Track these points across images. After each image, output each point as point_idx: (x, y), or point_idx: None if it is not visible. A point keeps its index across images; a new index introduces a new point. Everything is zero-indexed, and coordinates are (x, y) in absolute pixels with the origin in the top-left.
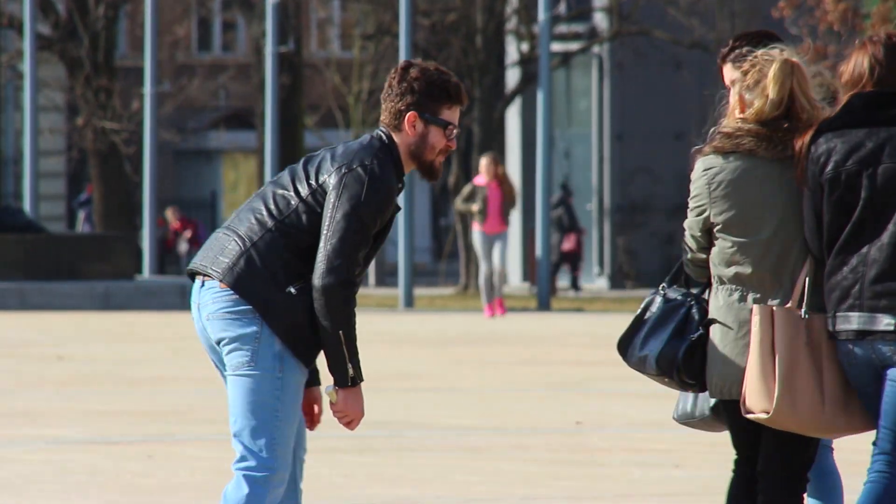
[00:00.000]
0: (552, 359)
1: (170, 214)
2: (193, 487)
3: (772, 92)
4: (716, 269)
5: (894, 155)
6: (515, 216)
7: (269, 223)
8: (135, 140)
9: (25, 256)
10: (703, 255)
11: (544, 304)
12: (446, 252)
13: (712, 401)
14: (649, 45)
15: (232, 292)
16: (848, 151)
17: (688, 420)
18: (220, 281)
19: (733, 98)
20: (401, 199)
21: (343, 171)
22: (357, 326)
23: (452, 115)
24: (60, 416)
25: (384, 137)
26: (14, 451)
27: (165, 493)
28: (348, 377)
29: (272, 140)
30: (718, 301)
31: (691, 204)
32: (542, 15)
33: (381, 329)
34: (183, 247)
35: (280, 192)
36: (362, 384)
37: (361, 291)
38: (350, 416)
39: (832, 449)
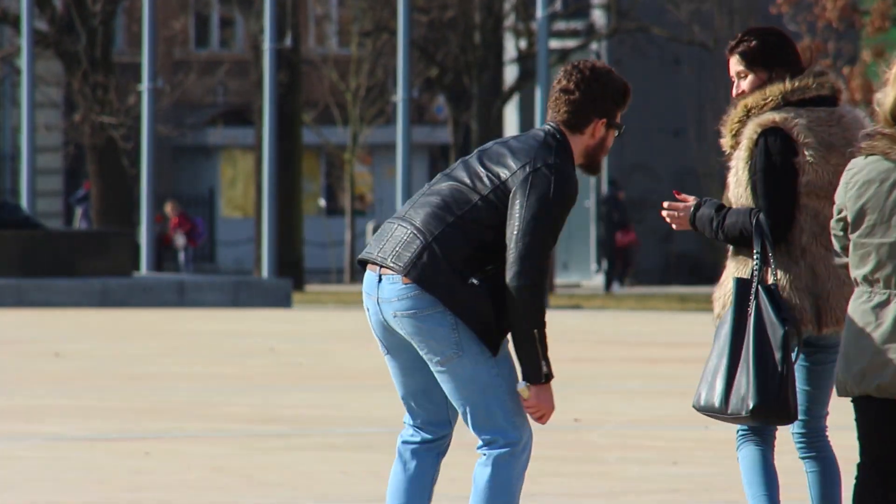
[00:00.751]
0: (551, 356)
1: (169, 209)
2: (191, 485)
3: (892, 90)
4: (851, 270)
5: None
6: None
7: (448, 218)
8: (132, 136)
9: (23, 253)
10: (846, 259)
11: None
12: None
13: (751, 402)
14: (647, 41)
15: (416, 287)
16: None
17: (713, 413)
18: (404, 275)
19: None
20: (399, 197)
21: (528, 169)
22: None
23: (622, 114)
24: (58, 412)
25: (559, 136)
26: (11, 447)
27: (162, 491)
28: (542, 373)
29: (270, 136)
30: (853, 301)
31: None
32: (540, 12)
33: None
34: (180, 241)
35: (456, 185)
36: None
37: (361, 288)
38: (542, 411)
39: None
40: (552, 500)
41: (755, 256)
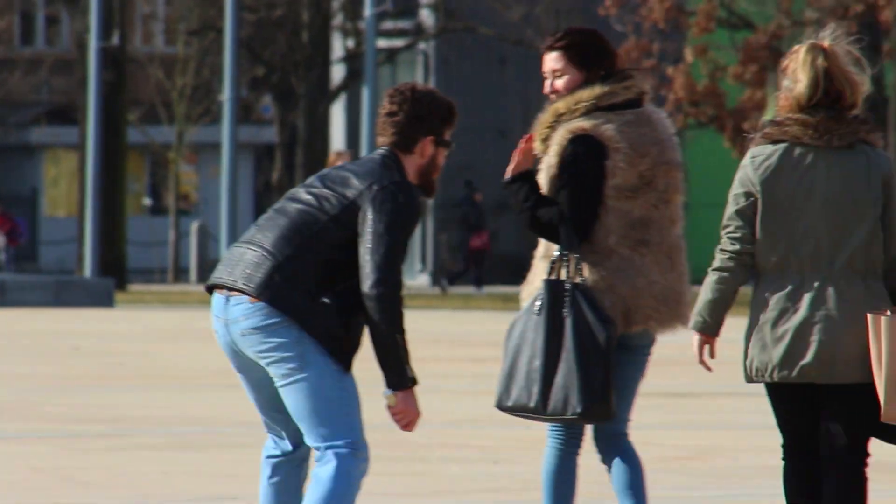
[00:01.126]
0: (373, 356)
1: None
2: (10, 485)
3: (802, 76)
4: (757, 259)
5: None
6: None
7: (297, 239)
8: None
9: None
10: (751, 248)
11: None
12: None
13: (578, 404)
14: (474, 41)
15: (266, 306)
16: None
17: (524, 413)
18: (256, 296)
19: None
20: (224, 197)
21: (375, 188)
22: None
23: (450, 133)
24: None
25: (393, 156)
26: None
27: None
28: (406, 379)
29: (95, 135)
30: (760, 289)
31: (735, 192)
32: (368, 11)
33: (201, 326)
34: (0, 241)
35: (303, 207)
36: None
37: (184, 287)
38: (409, 417)
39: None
40: (377, 500)
41: (563, 257)
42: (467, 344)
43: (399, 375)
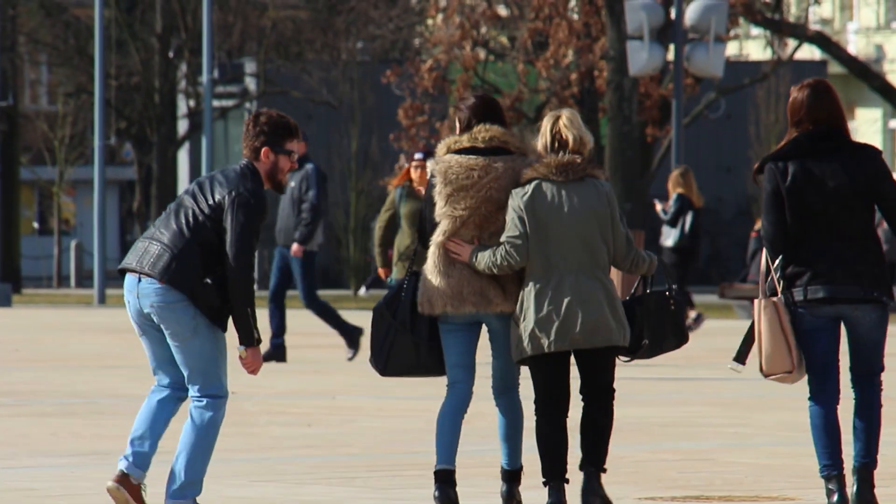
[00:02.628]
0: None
1: None
2: None
3: (545, 133)
4: (529, 266)
5: (836, 177)
6: None
7: (186, 234)
8: None
9: None
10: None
11: None
12: None
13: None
14: (288, 102)
15: (169, 287)
16: (801, 173)
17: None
18: (160, 280)
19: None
20: (95, 222)
21: (233, 193)
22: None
23: (293, 145)
24: None
25: (250, 166)
26: None
27: None
28: (254, 339)
29: None
30: (531, 286)
31: (510, 216)
32: (205, 78)
33: (81, 321)
34: None
35: (187, 210)
36: None
37: (66, 291)
38: (255, 367)
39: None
40: (216, 455)
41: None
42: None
43: (249, 335)
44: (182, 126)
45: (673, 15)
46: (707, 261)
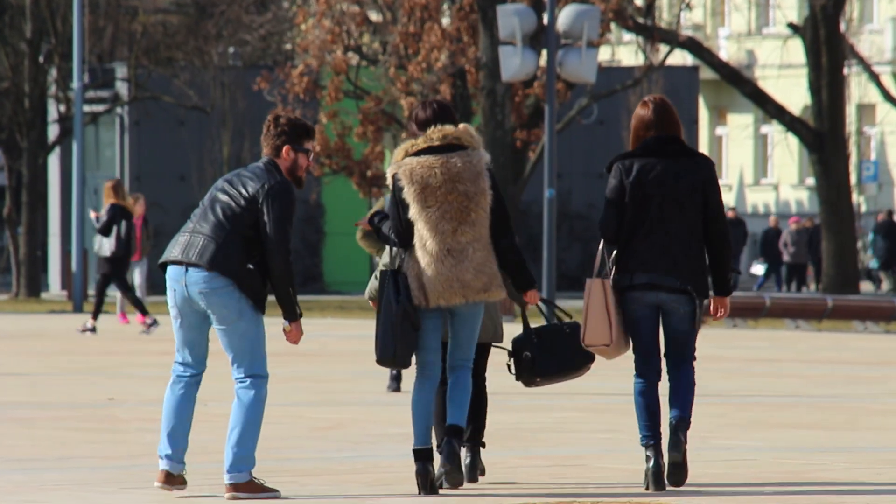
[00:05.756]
0: (87, 350)
1: None
2: None
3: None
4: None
5: (675, 176)
6: (55, 239)
7: (227, 225)
8: None
9: None
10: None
11: (79, 308)
12: (1, 268)
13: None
14: (159, 107)
15: (217, 273)
16: (645, 170)
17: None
18: (208, 267)
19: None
20: None
21: (266, 186)
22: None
23: (311, 144)
24: None
25: (272, 162)
26: None
27: None
28: (297, 314)
29: None
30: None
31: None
32: (76, 83)
33: None
34: None
35: (223, 205)
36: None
37: None
38: (297, 338)
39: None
40: (86, 462)
41: (392, 256)
42: (158, 340)
43: (291, 312)
44: (53, 131)
45: (546, 20)
46: (580, 266)
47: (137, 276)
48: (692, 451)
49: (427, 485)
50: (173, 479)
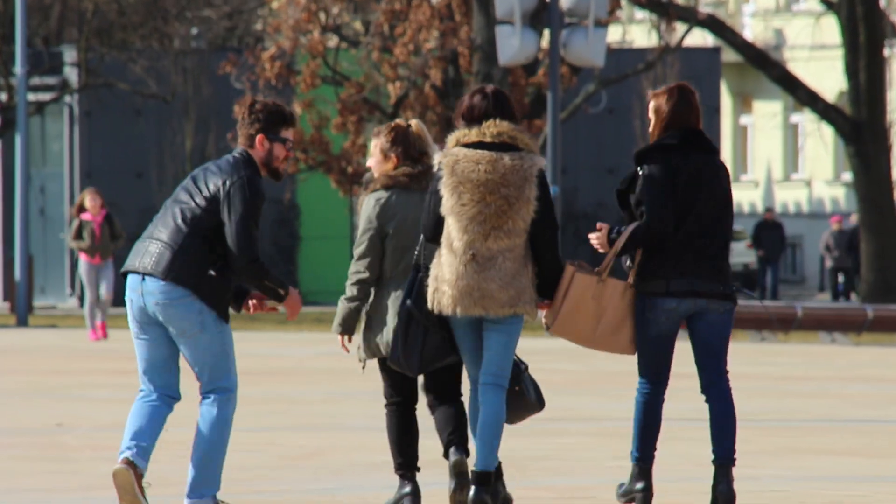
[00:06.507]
0: (32, 368)
1: None
2: None
3: (394, 150)
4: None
5: (711, 175)
6: None
7: (185, 229)
8: None
9: None
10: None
11: (23, 321)
12: None
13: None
14: (113, 95)
15: (173, 283)
16: (693, 165)
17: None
18: (163, 278)
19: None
20: None
21: (227, 183)
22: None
23: (289, 133)
24: None
25: (244, 154)
26: None
27: None
28: (281, 295)
29: None
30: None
31: (365, 228)
32: (19, 69)
33: None
34: None
35: (183, 205)
36: None
37: None
38: (295, 311)
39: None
40: (32, 496)
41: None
42: (112, 358)
43: (278, 296)
44: None
45: None
46: None
47: (103, 286)
48: (710, 480)
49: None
50: (135, 468)
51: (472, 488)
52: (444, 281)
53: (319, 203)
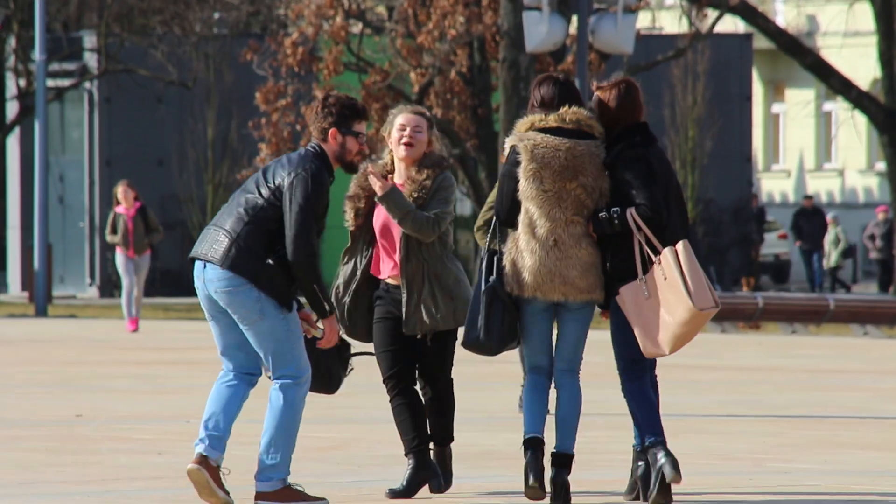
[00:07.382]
0: (51, 359)
1: None
2: None
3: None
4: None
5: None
6: (15, 233)
7: (246, 218)
8: None
9: None
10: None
11: (42, 311)
12: None
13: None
14: (133, 81)
15: (230, 271)
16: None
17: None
18: (220, 265)
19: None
20: None
21: (291, 175)
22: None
23: (361, 126)
24: None
25: (316, 148)
26: None
27: None
28: (325, 310)
29: None
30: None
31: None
32: (38, 55)
33: None
34: None
35: (249, 195)
36: None
37: None
38: (330, 337)
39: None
40: (52, 488)
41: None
42: (131, 349)
43: (320, 309)
44: (11, 109)
45: None
46: None
47: (136, 280)
48: (744, 474)
49: (539, 474)
50: (208, 465)
51: (553, 469)
52: (524, 266)
53: (342, 193)
